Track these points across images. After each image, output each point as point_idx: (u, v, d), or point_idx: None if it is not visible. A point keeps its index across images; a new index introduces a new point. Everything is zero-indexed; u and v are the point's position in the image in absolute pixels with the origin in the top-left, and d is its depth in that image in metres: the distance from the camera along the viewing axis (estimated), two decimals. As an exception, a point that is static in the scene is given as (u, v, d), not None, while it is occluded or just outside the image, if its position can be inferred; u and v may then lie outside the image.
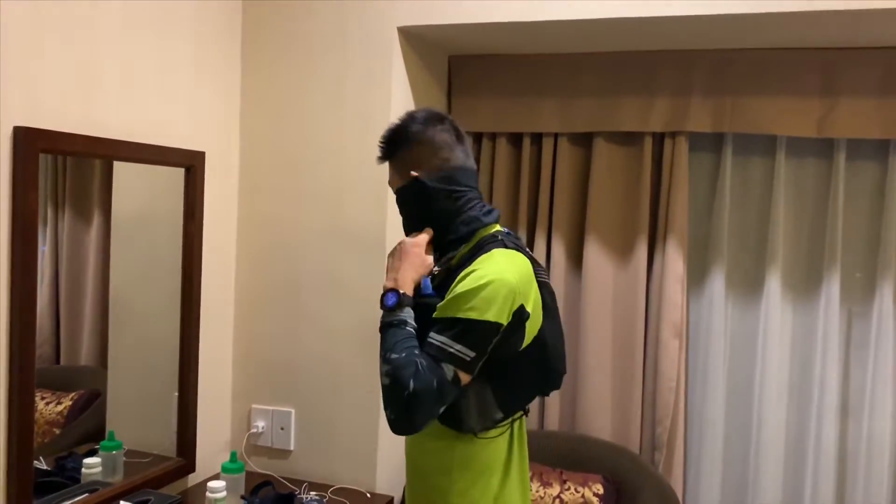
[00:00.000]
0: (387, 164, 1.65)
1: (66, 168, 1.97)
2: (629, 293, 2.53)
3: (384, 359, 1.42)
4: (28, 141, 1.70)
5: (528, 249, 1.61)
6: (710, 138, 2.53)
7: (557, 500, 2.29)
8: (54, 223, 1.96)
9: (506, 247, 1.52)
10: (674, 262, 2.46)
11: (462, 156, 1.61)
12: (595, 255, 2.55)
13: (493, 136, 2.66)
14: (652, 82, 2.45)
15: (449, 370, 1.39)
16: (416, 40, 2.41)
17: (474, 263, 1.47)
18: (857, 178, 2.43)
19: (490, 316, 1.40)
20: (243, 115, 2.47)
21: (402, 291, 1.50)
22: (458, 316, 1.41)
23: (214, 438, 2.44)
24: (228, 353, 2.50)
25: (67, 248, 2.01)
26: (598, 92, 2.51)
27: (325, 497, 2.28)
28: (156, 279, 2.28)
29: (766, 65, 2.37)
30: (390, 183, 1.66)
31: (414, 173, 1.57)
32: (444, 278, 1.52)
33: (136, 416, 2.23)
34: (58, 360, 2.04)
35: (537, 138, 2.63)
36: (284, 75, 2.42)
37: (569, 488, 2.31)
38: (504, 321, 1.42)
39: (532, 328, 1.49)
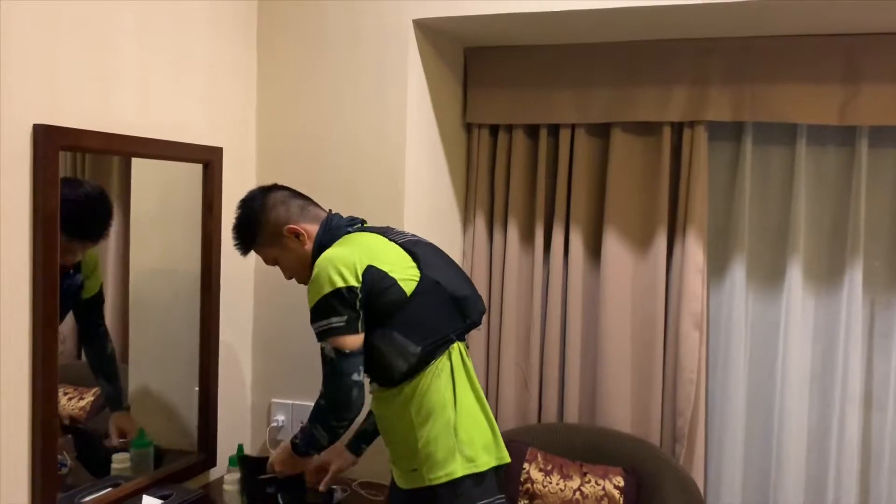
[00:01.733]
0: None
1: (85, 165, 1.98)
2: (648, 285, 2.52)
3: (311, 435, 1.77)
4: (48, 138, 1.71)
5: (379, 228, 1.88)
6: (730, 127, 2.50)
7: (578, 493, 2.29)
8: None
9: (349, 233, 1.82)
10: (693, 252, 2.44)
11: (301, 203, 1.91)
12: (614, 246, 2.53)
13: (510, 128, 2.65)
14: (669, 71, 2.43)
15: (329, 350, 1.66)
16: (432, 33, 2.40)
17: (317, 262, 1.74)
18: (879, 166, 2.40)
19: (331, 286, 1.65)
20: (260, 111, 2.47)
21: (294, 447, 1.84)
22: (312, 305, 1.68)
23: (235, 433, 2.46)
24: (248, 348, 2.51)
25: (87, 245, 2.02)
26: (614, 82, 2.49)
27: (349, 490, 2.29)
28: (175, 274, 2.29)
29: (785, 52, 2.34)
30: (265, 258, 1.94)
31: (288, 226, 1.83)
32: None
33: (156, 410, 2.25)
34: (80, 356, 2.06)
35: (554, 129, 2.62)
36: (300, 70, 2.42)
37: (589, 481, 2.31)
38: (354, 282, 1.66)
39: (407, 279, 1.71)
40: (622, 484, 2.30)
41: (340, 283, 1.65)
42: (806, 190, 2.44)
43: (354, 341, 1.67)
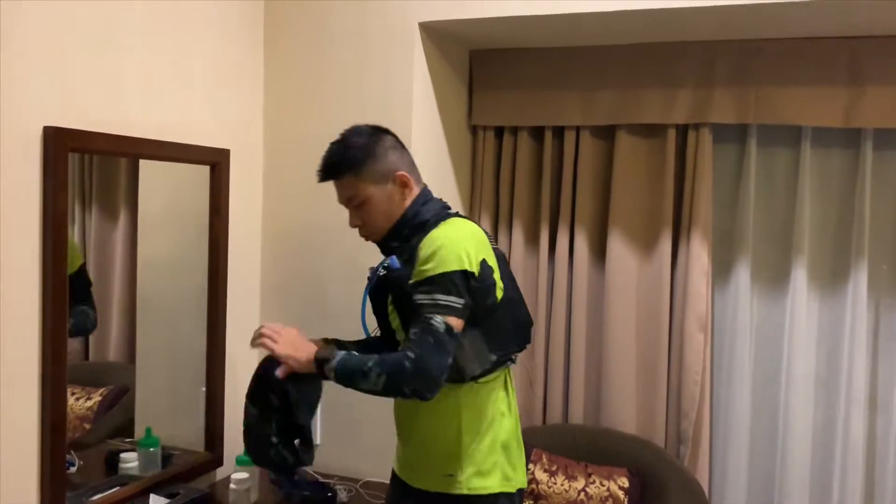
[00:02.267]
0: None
1: (93, 167, 2.00)
2: (653, 286, 2.52)
3: (365, 373, 1.53)
4: (58, 140, 1.72)
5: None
6: (734, 129, 2.51)
7: (583, 494, 2.29)
8: (82, 221, 1.99)
9: (458, 216, 1.70)
10: (698, 254, 2.45)
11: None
12: (618, 248, 2.54)
13: (515, 130, 2.66)
14: (674, 74, 2.44)
15: (440, 323, 1.52)
16: (437, 35, 2.41)
17: (433, 232, 1.62)
18: (884, 169, 2.40)
19: (462, 265, 1.54)
20: (267, 113, 2.49)
21: (317, 355, 1.63)
22: (434, 274, 1.54)
23: (241, 432, 2.46)
24: (255, 349, 2.52)
25: (95, 246, 2.04)
26: (619, 84, 2.49)
27: (354, 490, 2.30)
28: (182, 275, 2.30)
29: (790, 54, 2.34)
30: (357, 197, 1.72)
31: (400, 172, 1.69)
32: (409, 257, 1.64)
33: (164, 410, 2.26)
34: (87, 357, 2.08)
35: (559, 132, 2.63)
36: (306, 72, 2.43)
37: (594, 482, 2.31)
38: (474, 269, 1.56)
39: (500, 283, 1.64)
40: (627, 485, 2.31)
41: (466, 266, 1.55)
42: (810, 192, 2.44)
43: (461, 326, 1.56)
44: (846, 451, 2.41)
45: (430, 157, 2.46)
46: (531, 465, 2.35)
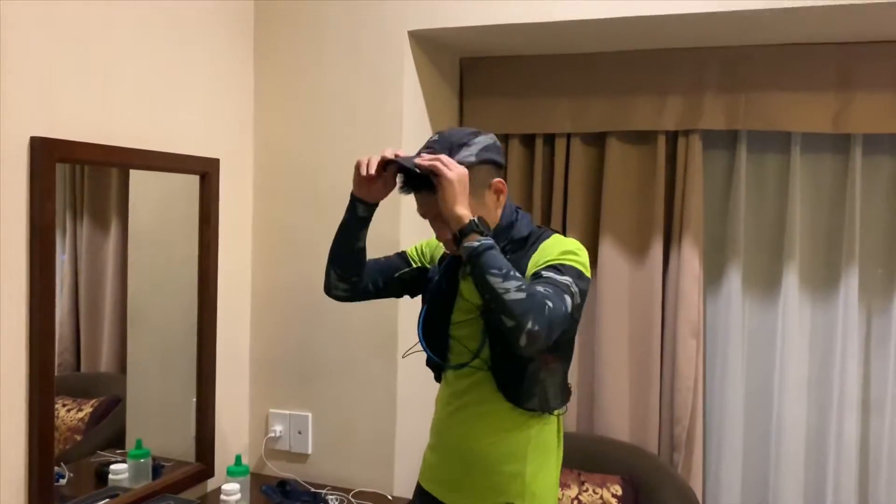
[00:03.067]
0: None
1: (84, 177, 1.99)
2: (645, 293, 2.52)
3: (507, 274, 1.40)
4: (45, 151, 1.72)
5: None
6: (725, 136, 2.51)
7: (576, 502, 2.28)
8: (73, 232, 1.98)
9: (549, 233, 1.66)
10: (690, 260, 2.45)
11: None
12: (610, 255, 2.54)
13: (506, 138, 2.66)
14: (664, 80, 2.44)
15: (569, 302, 1.45)
16: (427, 43, 2.41)
17: (552, 240, 1.59)
18: (874, 174, 2.41)
19: (586, 267, 1.54)
20: (257, 122, 2.48)
21: (474, 218, 1.47)
22: (569, 264, 1.50)
23: (232, 443, 2.46)
24: (245, 358, 2.52)
25: (86, 257, 2.03)
26: (610, 91, 2.50)
27: (346, 500, 2.29)
28: (173, 285, 2.30)
29: (779, 60, 2.35)
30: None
31: (498, 180, 1.61)
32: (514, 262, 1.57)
33: (155, 421, 2.25)
34: (78, 367, 2.06)
35: (550, 139, 2.63)
36: (297, 81, 2.43)
37: (587, 490, 2.31)
38: (588, 276, 1.55)
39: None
40: (620, 492, 2.30)
41: (588, 276, 1.54)
42: (801, 197, 2.45)
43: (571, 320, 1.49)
44: (839, 454, 2.41)
45: (421, 165, 2.46)
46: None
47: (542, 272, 1.49)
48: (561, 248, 1.56)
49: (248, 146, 2.48)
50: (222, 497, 2.12)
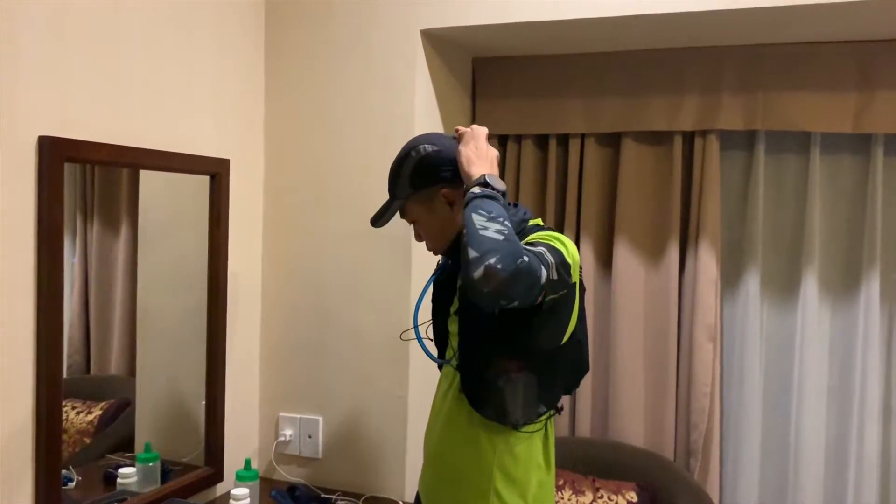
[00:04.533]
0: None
1: (95, 178, 1.98)
2: (661, 296, 2.48)
3: (494, 218, 1.33)
4: (53, 150, 1.70)
5: None
6: (742, 136, 2.48)
7: (590, 509, 2.25)
8: (83, 234, 1.97)
9: (550, 230, 1.55)
10: (707, 263, 2.41)
11: None
12: (625, 257, 2.50)
13: (519, 139, 2.63)
14: (680, 80, 2.41)
15: (543, 273, 1.32)
16: (440, 43, 2.39)
17: (535, 235, 1.48)
18: (895, 174, 2.36)
19: (570, 257, 1.42)
20: (267, 123, 2.47)
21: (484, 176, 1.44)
22: (552, 243, 1.41)
23: (242, 447, 2.44)
24: (255, 361, 2.50)
25: (96, 259, 2.02)
26: (625, 91, 2.47)
27: (355, 506, 2.27)
28: (182, 287, 2.28)
29: (798, 59, 2.31)
30: (407, 215, 1.66)
31: (444, 191, 1.58)
32: None
33: (164, 424, 2.23)
34: (88, 370, 2.05)
35: (563, 139, 2.60)
36: (308, 81, 2.41)
37: (602, 496, 2.27)
38: (575, 276, 1.45)
39: (573, 319, 1.52)
40: (636, 499, 2.26)
41: (564, 251, 1.41)
42: (820, 199, 2.41)
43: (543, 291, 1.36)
44: (860, 462, 2.37)
45: (433, 165, 2.43)
46: (537, 479, 2.30)
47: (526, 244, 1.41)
48: (544, 234, 1.47)
49: (259, 147, 2.47)
50: (231, 501, 2.10)
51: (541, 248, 1.38)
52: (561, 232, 2.53)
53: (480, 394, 1.52)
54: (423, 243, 1.69)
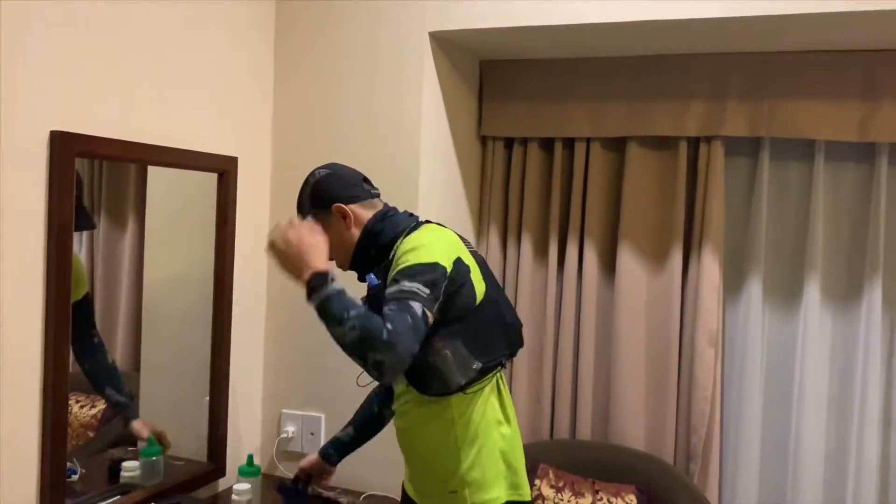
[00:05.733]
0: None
1: (102, 174, 1.99)
2: (663, 300, 2.49)
3: (341, 319, 1.42)
4: (64, 145, 1.72)
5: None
6: (747, 143, 2.48)
7: (590, 511, 2.26)
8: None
9: (428, 223, 1.70)
10: (709, 269, 2.41)
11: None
12: (628, 262, 2.51)
13: (525, 142, 2.64)
14: (686, 86, 2.42)
15: (417, 307, 1.45)
16: (448, 45, 2.40)
17: (404, 242, 1.61)
18: (900, 183, 2.37)
19: (433, 258, 1.51)
20: (276, 121, 2.48)
21: (325, 270, 1.53)
22: (412, 263, 1.51)
23: (244, 443, 2.45)
24: (259, 358, 2.51)
25: (102, 254, 2.03)
26: (630, 96, 2.48)
27: (356, 502, 2.28)
28: (188, 284, 2.29)
29: (804, 67, 2.32)
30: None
31: (335, 206, 1.69)
32: (384, 274, 1.60)
33: (167, 419, 2.24)
34: (90, 366, 2.06)
35: (569, 143, 2.61)
36: (316, 81, 2.42)
37: (601, 499, 2.28)
38: (447, 265, 1.53)
39: (479, 284, 1.61)
40: (635, 502, 2.27)
41: (438, 259, 1.52)
42: (824, 207, 2.41)
43: (430, 320, 1.49)
44: (860, 470, 2.37)
45: (440, 167, 2.45)
46: (538, 481, 2.31)
47: (389, 289, 1.49)
48: (404, 248, 1.56)
49: (267, 145, 2.48)
50: (234, 497, 2.11)
51: (410, 287, 1.46)
52: (552, 235, 2.55)
53: (422, 378, 1.60)
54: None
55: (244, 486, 2.13)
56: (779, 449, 2.48)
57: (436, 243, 1.57)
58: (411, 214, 1.76)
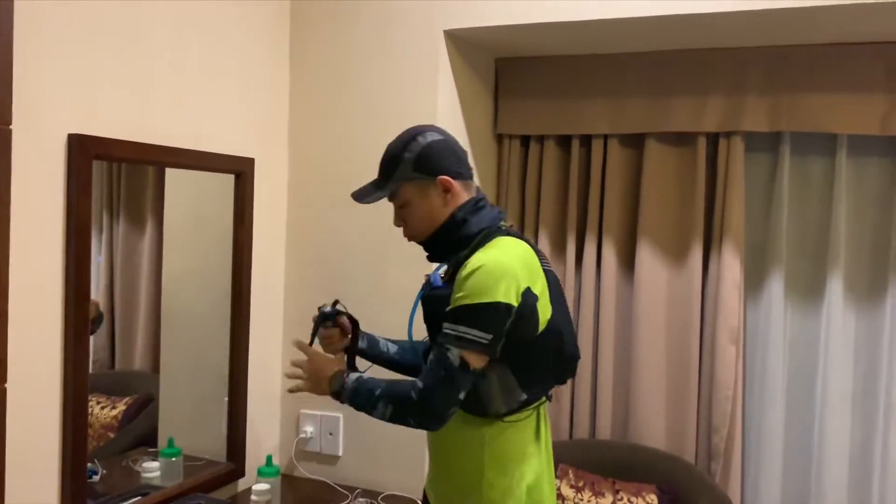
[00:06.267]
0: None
1: (121, 176, 2.00)
2: (684, 298, 2.46)
3: (373, 403, 1.52)
4: (82, 148, 1.73)
5: (531, 240, 1.69)
6: (767, 138, 2.45)
7: (610, 511, 2.24)
8: (109, 231, 1.99)
9: (508, 234, 1.59)
10: (730, 266, 2.39)
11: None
12: (648, 259, 2.49)
13: (541, 139, 2.63)
14: (705, 81, 2.39)
15: (455, 357, 1.45)
16: (463, 43, 2.39)
17: (479, 252, 1.52)
18: (924, 178, 2.33)
19: (497, 297, 1.44)
20: (292, 122, 2.48)
21: (339, 371, 1.62)
22: (467, 303, 1.45)
23: (264, 443, 2.45)
24: (278, 358, 2.51)
25: (122, 256, 2.04)
26: (648, 92, 2.45)
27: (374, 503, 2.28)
28: (206, 285, 2.30)
29: (825, 60, 2.28)
30: (398, 198, 1.66)
31: (443, 177, 1.59)
32: (452, 272, 1.56)
33: (187, 420, 2.26)
34: (113, 366, 2.07)
35: (586, 140, 2.59)
36: (332, 80, 2.43)
37: (622, 499, 2.26)
38: (514, 302, 1.46)
39: (544, 313, 1.52)
40: (656, 502, 2.25)
41: (502, 298, 1.44)
42: (846, 202, 2.37)
43: (482, 362, 1.48)
44: (885, 470, 2.33)
45: (456, 166, 2.44)
46: (557, 481, 2.30)
47: (445, 324, 1.48)
48: (467, 272, 1.47)
49: (283, 146, 2.48)
50: (253, 497, 2.12)
51: (457, 331, 1.45)
52: (570, 233, 2.52)
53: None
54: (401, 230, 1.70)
55: (263, 486, 2.13)
56: (802, 448, 2.44)
57: (505, 275, 1.46)
58: (500, 211, 1.65)
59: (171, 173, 2.10)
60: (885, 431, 2.33)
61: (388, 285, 2.37)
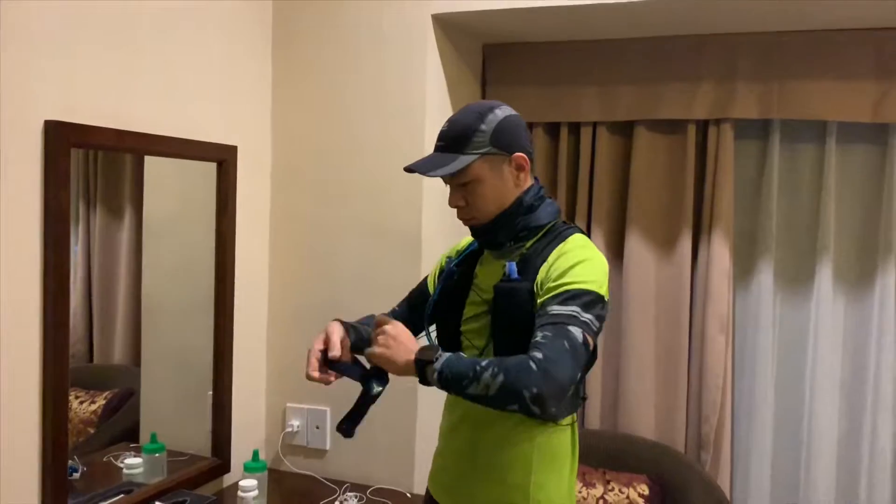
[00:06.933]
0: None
1: (98, 165, 1.95)
2: (673, 287, 2.45)
3: (477, 373, 1.31)
4: (59, 135, 1.67)
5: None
6: (757, 125, 2.44)
7: (601, 501, 2.22)
8: (86, 221, 1.95)
9: (580, 232, 1.53)
10: (719, 254, 2.38)
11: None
12: (637, 247, 2.47)
13: (530, 127, 2.59)
14: (695, 68, 2.37)
15: (578, 333, 1.33)
16: (451, 28, 2.35)
17: (567, 244, 1.47)
18: (913, 165, 2.33)
19: (605, 294, 1.43)
20: (275, 109, 2.43)
21: (417, 357, 1.40)
22: (582, 288, 1.39)
23: (249, 438, 2.41)
24: (262, 351, 2.47)
25: (99, 246, 1.99)
26: (638, 79, 2.43)
27: (364, 498, 2.24)
28: (188, 276, 2.25)
29: (815, 47, 2.27)
30: (465, 174, 1.49)
31: (518, 154, 1.49)
32: (523, 265, 1.48)
33: (170, 415, 2.21)
34: (91, 359, 2.03)
35: (575, 128, 2.57)
36: (316, 67, 2.37)
37: (613, 489, 2.25)
38: (607, 296, 1.45)
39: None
40: (647, 492, 2.24)
41: (607, 296, 1.44)
42: (836, 190, 2.37)
43: (589, 347, 1.39)
44: (873, 456, 2.34)
45: (443, 153, 2.40)
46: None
47: (547, 306, 1.38)
48: (574, 258, 1.42)
49: (267, 134, 2.43)
50: (239, 493, 2.08)
51: (570, 311, 1.35)
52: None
53: None
54: (455, 212, 1.57)
55: (250, 481, 2.09)
56: (791, 436, 2.45)
57: (607, 277, 1.45)
58: (558, 210, 1.58)
59: (150, 162, 2.05)
60: (874, 419, 2.34)
61: (375, 276, 2.33)
